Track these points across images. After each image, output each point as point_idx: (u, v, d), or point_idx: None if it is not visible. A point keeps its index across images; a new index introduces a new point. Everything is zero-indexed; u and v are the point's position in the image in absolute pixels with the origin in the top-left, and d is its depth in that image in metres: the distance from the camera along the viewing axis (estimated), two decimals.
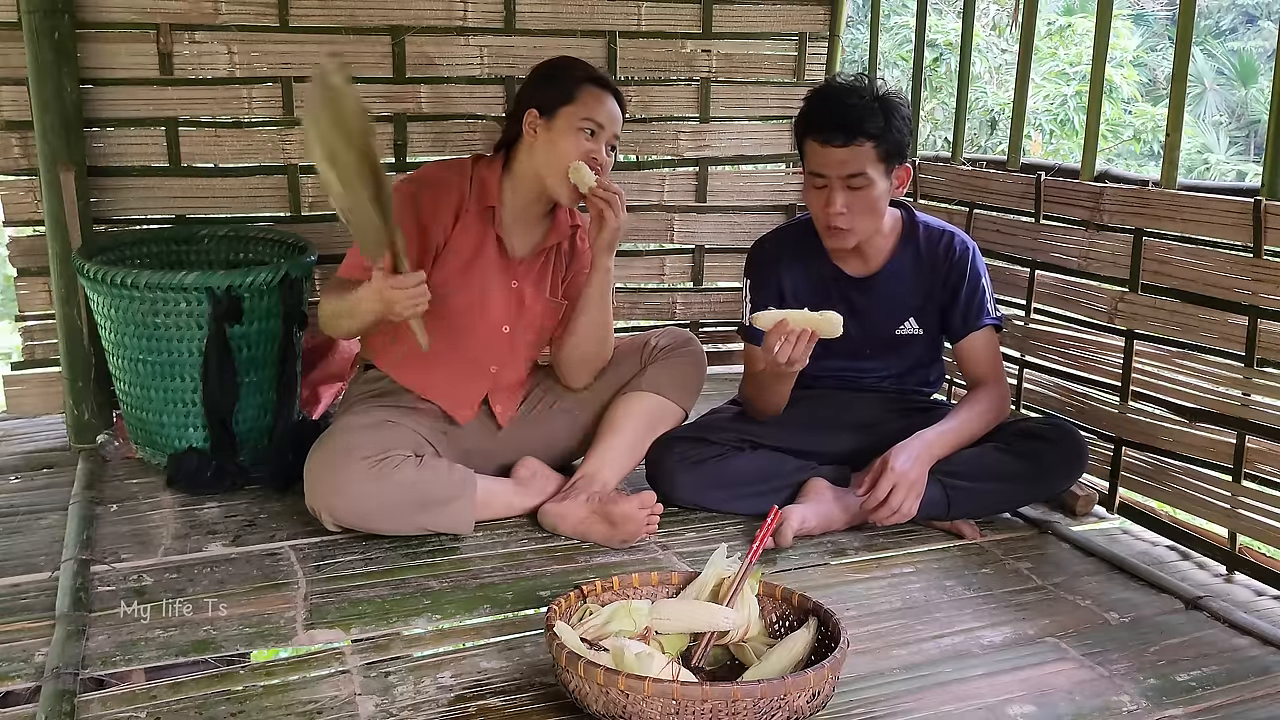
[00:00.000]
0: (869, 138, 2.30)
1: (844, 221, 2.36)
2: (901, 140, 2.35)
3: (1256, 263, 2.24)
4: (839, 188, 2.33)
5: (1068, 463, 2.44)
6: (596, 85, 2.38)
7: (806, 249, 2.52)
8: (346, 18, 3.03)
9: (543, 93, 2.37)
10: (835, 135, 2.31)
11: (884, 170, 2.35)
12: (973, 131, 9.20)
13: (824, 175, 2.34)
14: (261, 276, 2.55)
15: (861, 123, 2.30)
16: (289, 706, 1.70)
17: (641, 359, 2.54)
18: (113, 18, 2.85)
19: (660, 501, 2.36)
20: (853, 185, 2.33)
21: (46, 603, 2.01)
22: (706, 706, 1.56)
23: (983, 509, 2.44)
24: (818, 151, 2.34)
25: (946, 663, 1.88)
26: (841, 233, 2.39)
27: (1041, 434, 2.45)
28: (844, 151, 2.31)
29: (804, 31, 3.46)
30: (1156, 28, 12.14)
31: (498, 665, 1.84)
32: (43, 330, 2.95)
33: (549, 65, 2.46)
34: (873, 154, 2.32)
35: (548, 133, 2.35)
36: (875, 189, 2.35)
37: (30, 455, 2.79)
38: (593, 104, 2.35)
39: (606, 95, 2.37)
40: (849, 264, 2.51)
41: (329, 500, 2.23)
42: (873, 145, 2.31)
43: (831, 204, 2.34)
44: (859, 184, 2.33)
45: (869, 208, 2.36)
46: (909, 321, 2.52)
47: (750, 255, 2.63)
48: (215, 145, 3.01)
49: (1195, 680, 1.84)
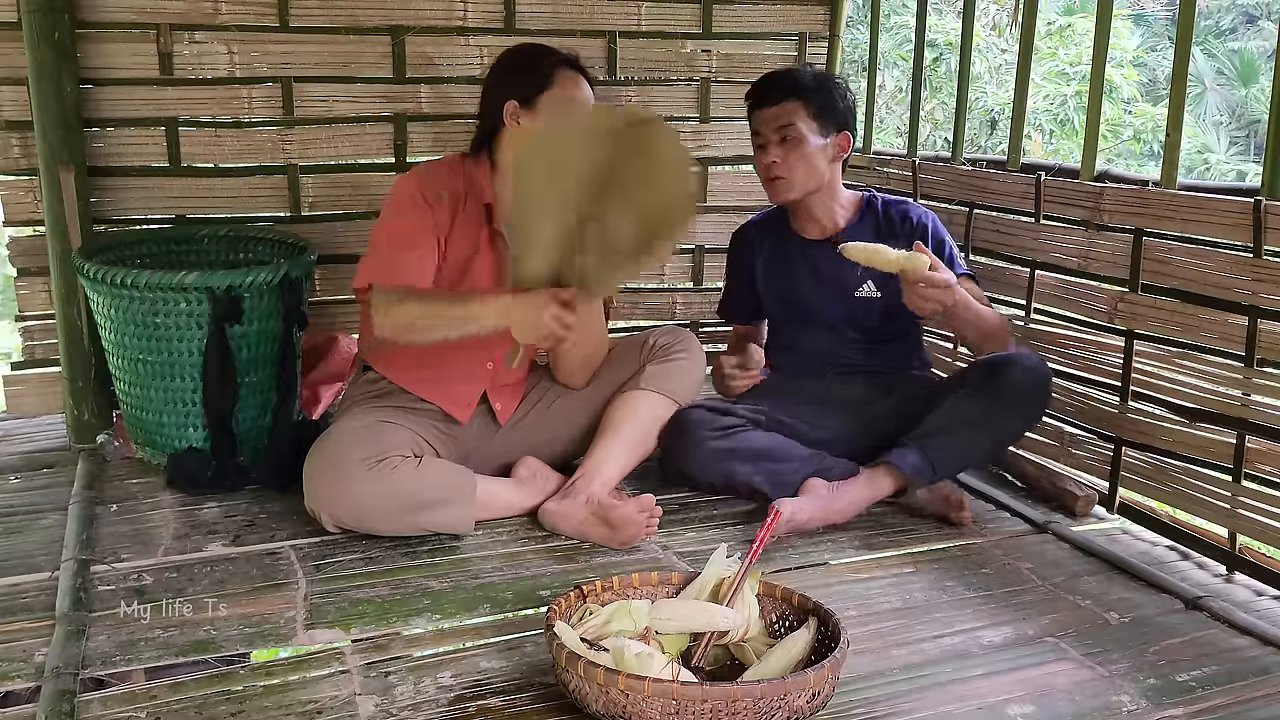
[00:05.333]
0: (797, 96, 2.58)
1: (779, 170, 2.60)
2: (835, 105, 2.61)
3: (1256, 263, 2.24)
4: (774, 142, 2.60)
5: (1031, 381, 2.46)
6: (570, 67, 2.40)
7: (775, 226, 2.79)
8: (346, 18, 3.03)
9: (518, 83, 2.38)
10: (766, 96, 2.62)
11: (817, 129, 2.59)
12: (973, 131, 9.20)
13: (761, 134, 2.63)
14: (261, 276, 2.55)
15: (789, 83, 2.61)
16: (289, 706, 1.70)
17: (641, 358, 2.54)
18: (113, 18, 2.85)
19: (676, 478, 2.47)
20: (786, 137, 2.59)
21: (46, 603, 2.01)
22: (706, 706, 1.56)
23: (965, 460, 2.49)
24: (756, 117, 2.64)
25: (946, 663, 1.88)
26: (778, 182, 2.62)
27: (1001, 361, 2.50)
28: (775, 109, 2.60)
29: (804, 31, 3.46)
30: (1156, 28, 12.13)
31: (498, 665, 1.84)
32: (43, 330, 2.95)
33: (516, 55, 2.46)
34: (802, 110, 2.58)
35: (531, 122, 2.36)
36: (807, 143, 2.59)
37: (30, 455, 2.78)
38: (571, 86, 2.38)
39: (579, 76, 2.41)
40: (809, 230, 2.72)
41: (328, 501, 2.23)
42: (801, 103, 2.58)
43: (765, 155, 2.61)
44: (790, 134, 2.58)
45: (801, 158, 2.59)
46: (867, 285, 2.65)
47: (730, 243, 2.93)
48: (215, 145, 3.00)
49: (1195, 680, 1.84)
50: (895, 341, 2.72)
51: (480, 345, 2.44)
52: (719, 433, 2.48)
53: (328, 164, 3.10)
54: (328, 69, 3.04)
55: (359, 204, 3.14)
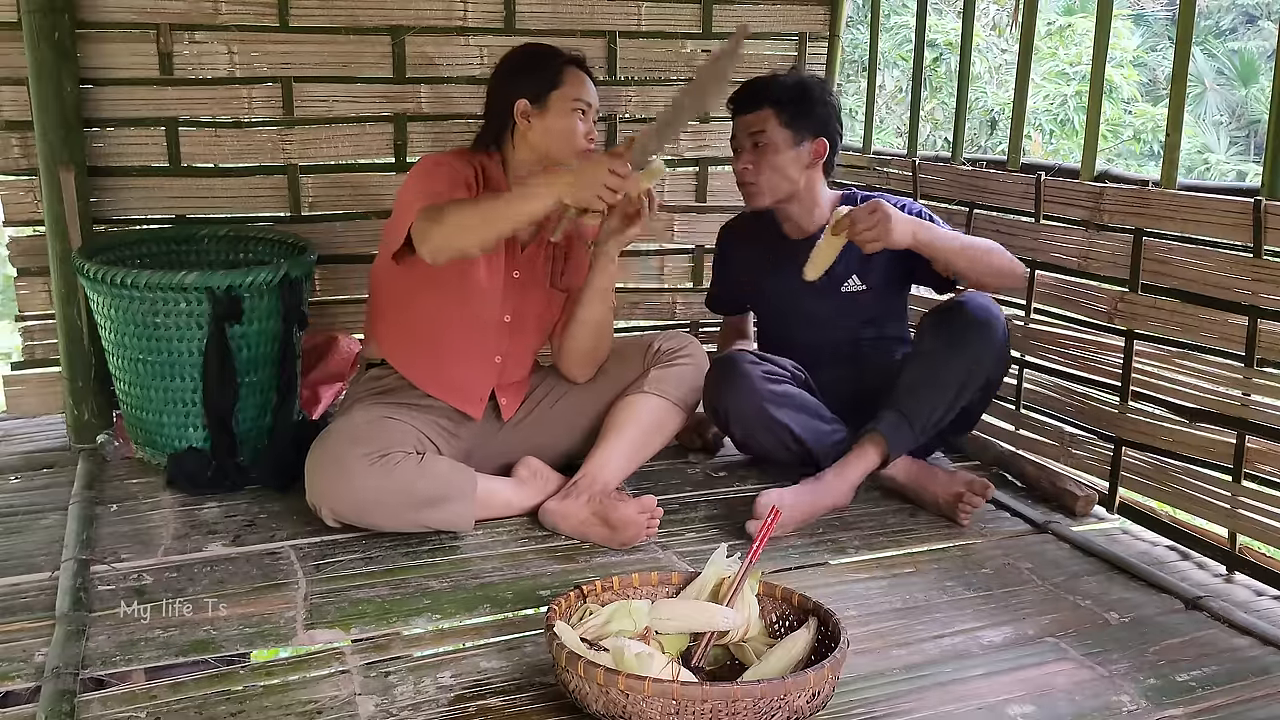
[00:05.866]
0: (770, 103, 2.61)
1: (749, 175, 2.63)
2: (810, 113, 2.62)
3: (1256, 263, 2.24)
4: (747, 147, 2.64)
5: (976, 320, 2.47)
6: (576, 66, 2.43)
7: (758, 225, 2.81)
8: (346, 18, 3.03)
9: (527, 82, 2.40)
10: (743, 104, 2.66)
11: (790, 136, 2.61)
12: (973, 131, 9.20)
13: (736, 139, 2.68)
14: (261, 276, 2.55)
15: (764, 92, 2.63)
16: (289, 706, 1.70)
17: (644, 362, 2.55)
18: (113, 18, 2.84)
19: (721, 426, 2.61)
20: (756, 143, 2.62)
21: (46, 603, 2.01)
22: (706, 706, 1.56)
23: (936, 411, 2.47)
24: (734, 124, 2.69)
25: (946, 663, 1.88)
26: (749, 186, 2.66)
27: (946, 307, 2.56)
28: (749, 116, 2.64)
29: (804, 31, 3.45)
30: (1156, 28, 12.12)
31: (498, 665, 1.84)
32: (43, 330, 2.94)
33: (523, 55, 2.47)
34: (773, 118, 2.60)
35: (542, 120, 2.38)
36: (778, 152, 2.61)
37: (30, 455, 2.78)
38: (579, 85, 2.41)
39: (585, 75, 2.44)
40: (789, 230, 2.75)
41: (329, 495, 2.23)
42: (773, 110, 2.61)
43: (738, 160, 2.65)
44: (760, 141, 2.62)
45: (771, 165, 2.62)
46: (852, 279, 2.69)
47: (717, 239, 3.01)
48: (215, 145, 3.00)
49: (1195, 680, 1.84)
50: (884, 329, 2.75)
51: (486, 338, 2.45)
52: (768, 377, 2.53)
53: (328, 164, 3.10)
54: (328, 69, 3.04)
55: (359, 204, 3.14)
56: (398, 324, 2.46)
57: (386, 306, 2.49)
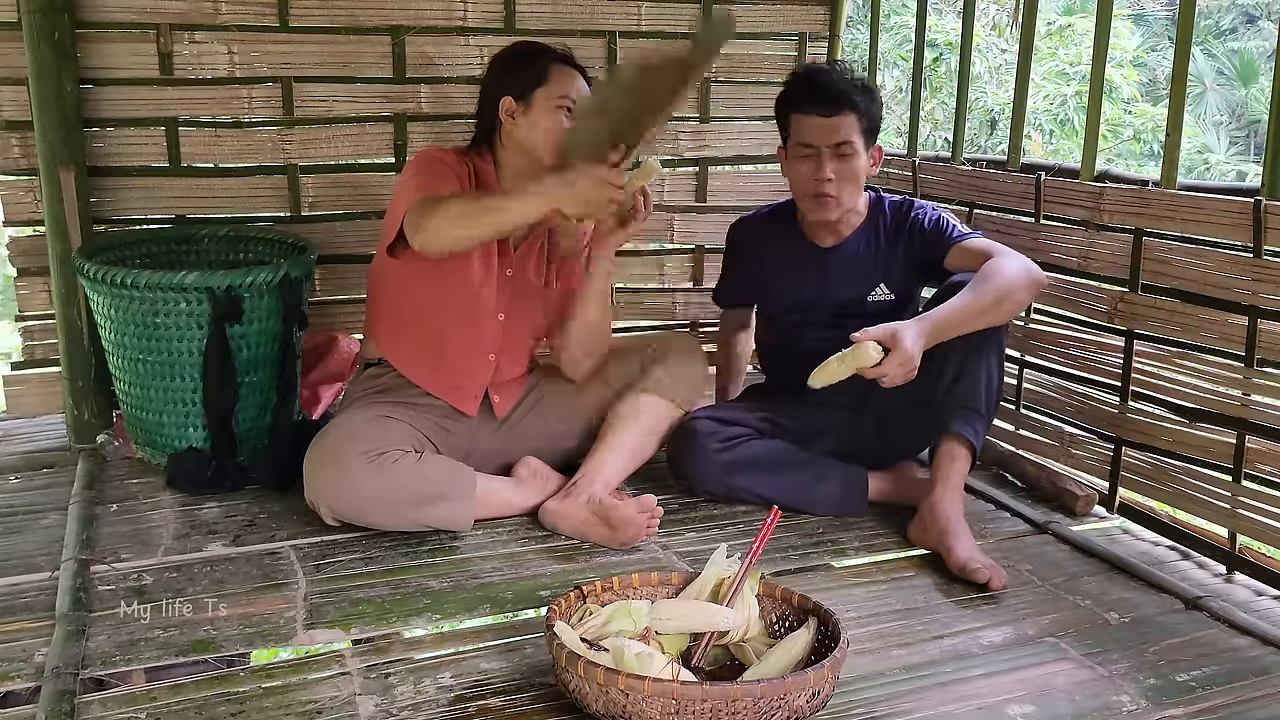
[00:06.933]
0: (854, 109, 2.43)
1: (832, 189, 2.45)
2: (879, 119, 2.50)
3: (1256, 263, 2.24)
4: (829, 156, 2.44)
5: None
6: (564, 64, 2.41)
7: (783, 227, 2.66)
8: (346, 18, 3.03)
9: (513, 80, 2.39)
10: (825, 106, 2.43)
11: (865, 144, 2.46)
12: (973, 131, 9.20)
13: (813, 145, 2.45)
14: (261, 276, 2.55)
15: (848, 94, 2.43)
16: (289, 707, 1.70)
17: (643, 361, 2.55)
18: (113, 18, 2.84)
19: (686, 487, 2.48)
20: (840, 154, 2.44)
21: (46, 603, 2.01)
22: (706, 706, 1.56)
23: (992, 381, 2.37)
24: (807, 123, 2.46)
25: (946, 663, 1.88)
26: (828, 200, 2.47)
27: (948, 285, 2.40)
28: (833, 120, 2.43)
29: (804, 31, 3.45)
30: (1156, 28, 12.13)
31: (498, 665, 1.84)
32: (43, 330, 2.94)
33: (511, 53, 2.47)
34: (856, 125, 2.44)
35: (526, 117, 2.37)
36: (859, 160, 2.46)
37: (30, 455, 2.78)
38: (565, 82, 2.38)
39: (574, 72, 2.41)
40: (821, 237, 2.61)
41: (327, 493, 2.24)
42: (856, 117, 2.43)
43: (821, 170, 2.44)
44: (846, 152, 2.44)
45: (853, 177, 2.47)
46: (880, 287, 2.58)
47: (729, 236, 2.80)
48: (215, 145, 3.00)
49: (1195, 680, 1.84)
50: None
51: (481, 336, 2.45)
52: (724, 444, 2.47)
53: (328, 164, 3.10)
54: (328, 69, 3.04)
55: (359, 204, 3.14)
56: (394, 322, 2.46)
57: (383, 304, 2.50)
